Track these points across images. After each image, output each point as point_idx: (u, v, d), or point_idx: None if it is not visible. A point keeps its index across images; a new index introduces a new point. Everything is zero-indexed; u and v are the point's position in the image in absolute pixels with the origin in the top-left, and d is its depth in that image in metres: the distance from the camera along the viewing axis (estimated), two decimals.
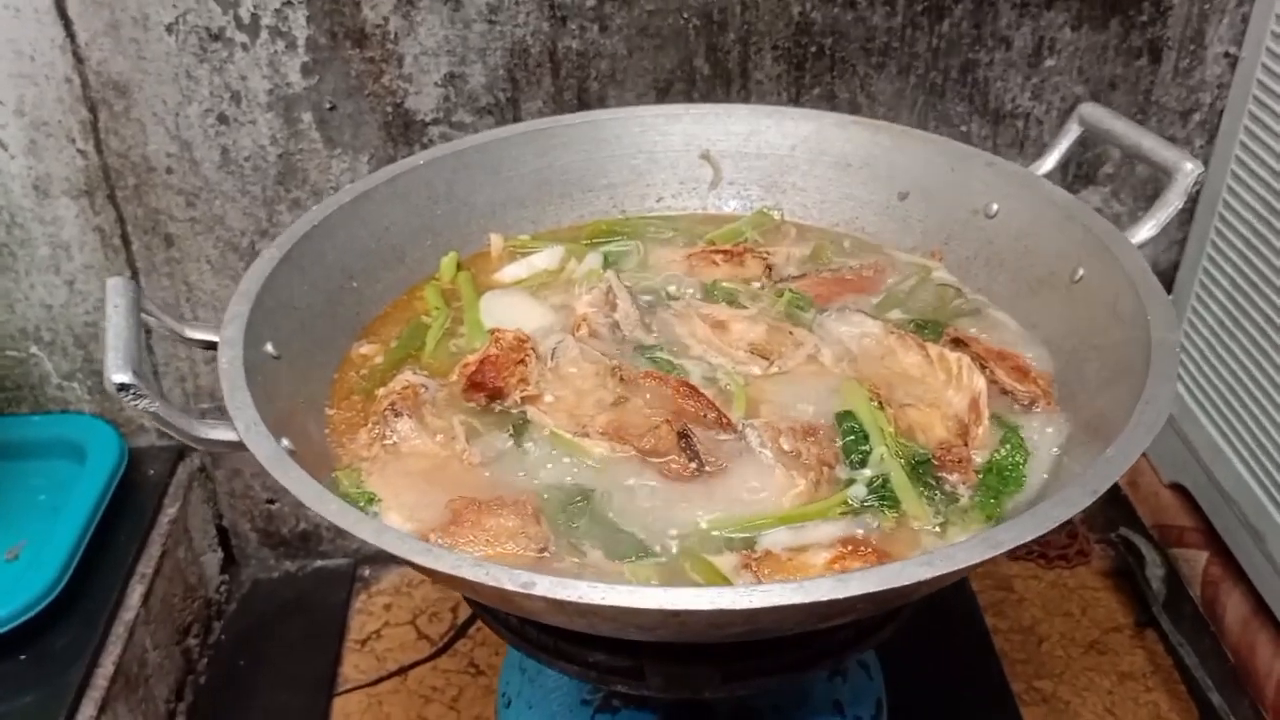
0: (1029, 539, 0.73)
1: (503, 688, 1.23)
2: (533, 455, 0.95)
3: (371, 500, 0.90)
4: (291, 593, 1.90)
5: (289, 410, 0.95)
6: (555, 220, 1.30)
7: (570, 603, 0.69)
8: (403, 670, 1.75)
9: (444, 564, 0.71)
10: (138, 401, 0.80)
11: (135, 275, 1.64)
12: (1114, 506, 1.84)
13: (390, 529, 0.73)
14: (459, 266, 1.21)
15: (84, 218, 1.59)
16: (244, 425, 0.83)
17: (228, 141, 1.55)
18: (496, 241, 1.24)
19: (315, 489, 0.77)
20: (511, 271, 1.21)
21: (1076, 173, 1.63)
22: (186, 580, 1.73)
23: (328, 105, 1.53)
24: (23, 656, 1.43)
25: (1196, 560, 1.66)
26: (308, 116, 1.54)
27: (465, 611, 1.83)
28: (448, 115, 1.55)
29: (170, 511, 1.69)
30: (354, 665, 1.76)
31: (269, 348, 0.97)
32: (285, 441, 0.86)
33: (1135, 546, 1.79)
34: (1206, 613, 1.62)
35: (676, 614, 0.69)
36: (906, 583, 0.69)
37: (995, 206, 1.16)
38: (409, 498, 0.90)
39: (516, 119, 1.55)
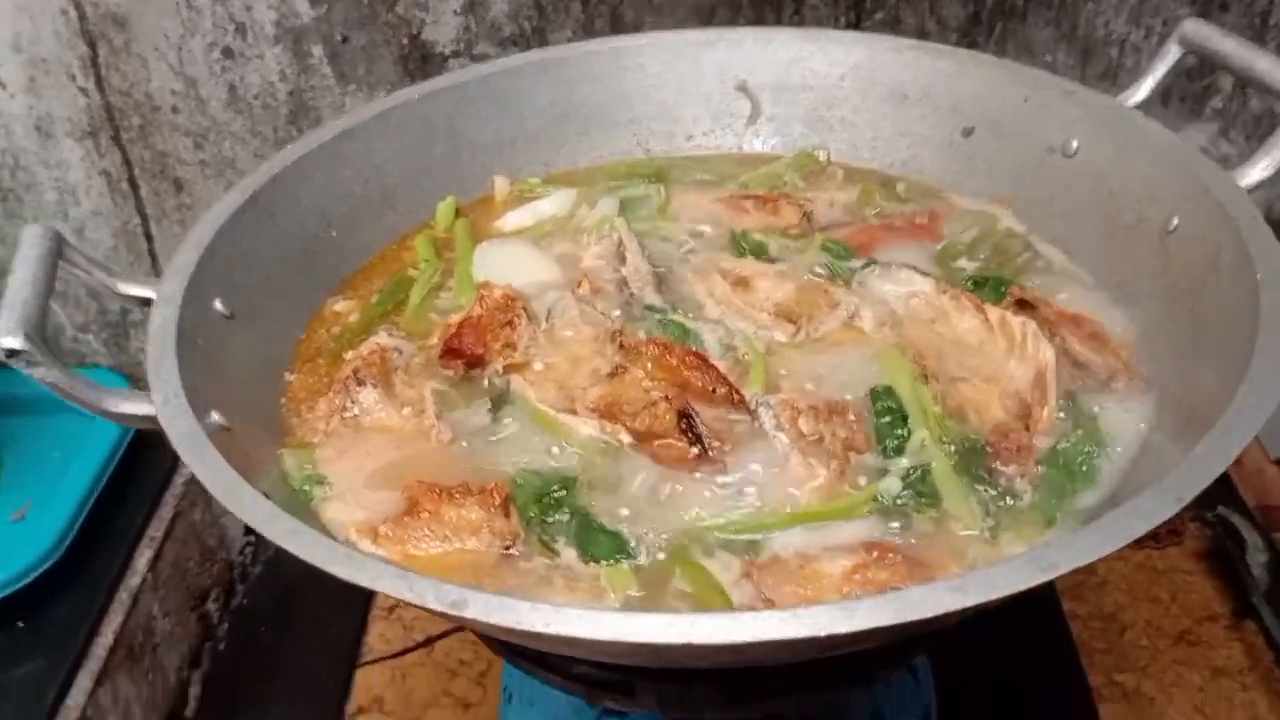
0: (1089, 560, 0.58)
1: (505, 680, 1.11)
2: (511, 434, 0.82)
3: (319, 483, 0.78)
4: None
5: (236, 378, 0.83)
6: (570, 161, 1.15)
7: (508, 628, 0.56)
8: (429, 641, 1.65)
9: (362, 575, 0.59)
10: (31, 369, 0.69)
11: (145, 221, 1.54)
12: (1212, 482, 1.65)
13: (302, 529, 0.61)
14: (457, 213, 1.07)
15: (89, 160, 1.49)
16: (162, 398, 0.72)
17: (234, 78, 1.43)
18: (501, 185, 1.11)
19: (228, 479, 0.65)
20: (515, 219, 1.07)
21: (1179, 107, 1.43)
22: (204, 543, 1.64)
23: (339, 37, 1.40)
24: (21, 624, 1.35)
25: None
26: (318, 50, 1.41)
27: None
28: (468, 47, 1.41)
29: (187, 471, 1.60)
30: (379, 634, 1.66)
31: (218, 305, 0.86)
32: (215, 416, 0.75)
33: (1235, 528, 1.60)
34: None
35: (638, 646, 0.55)
36: (928, 615, 0.55)
37: (1075, 144, 0.99)
38: (362, 481, 0.78)
39: None
